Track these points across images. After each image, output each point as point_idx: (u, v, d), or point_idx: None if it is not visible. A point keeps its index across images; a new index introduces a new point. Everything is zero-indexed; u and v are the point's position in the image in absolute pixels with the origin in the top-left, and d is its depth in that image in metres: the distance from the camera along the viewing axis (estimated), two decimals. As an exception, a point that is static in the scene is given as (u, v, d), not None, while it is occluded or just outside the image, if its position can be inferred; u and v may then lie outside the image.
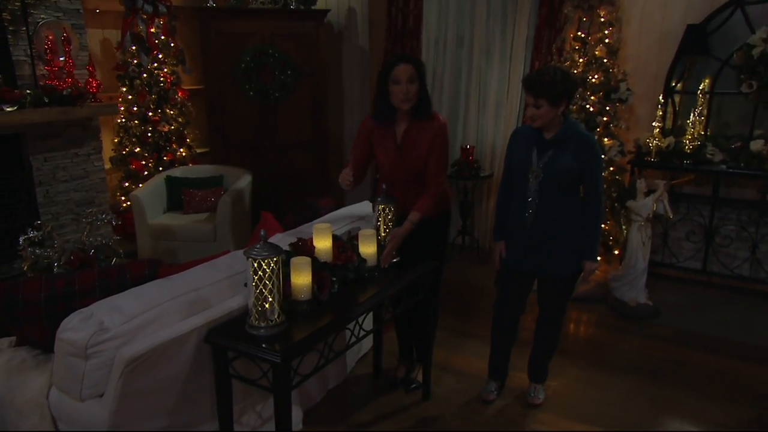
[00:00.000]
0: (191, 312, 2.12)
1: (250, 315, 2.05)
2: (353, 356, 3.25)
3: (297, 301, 2.22)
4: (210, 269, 2.33)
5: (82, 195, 4.75)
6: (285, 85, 5.19)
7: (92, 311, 1.91)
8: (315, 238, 2.45)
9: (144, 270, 2.17)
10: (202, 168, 4.97)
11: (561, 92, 2.43)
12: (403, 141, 2.76)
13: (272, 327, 2.05)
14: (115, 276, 2.12)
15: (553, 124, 2.54)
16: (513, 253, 2.75)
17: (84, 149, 4.72)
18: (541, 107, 2.45)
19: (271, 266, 2.00)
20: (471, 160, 4.82)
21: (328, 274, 2.37)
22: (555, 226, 2.62)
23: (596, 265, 2.67)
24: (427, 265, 2.77)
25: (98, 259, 3.43)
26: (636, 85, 4.31)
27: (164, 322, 2.03)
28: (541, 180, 2.57)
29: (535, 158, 2.59)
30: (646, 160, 4.19)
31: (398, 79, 2.62)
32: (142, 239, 4.41)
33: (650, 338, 3.67)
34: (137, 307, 1.99)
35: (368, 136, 2.84)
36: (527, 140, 2.64)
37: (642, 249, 3.90)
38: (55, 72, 4.34)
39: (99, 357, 1.86)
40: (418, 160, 2.75)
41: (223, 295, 2.26)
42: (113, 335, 1.88)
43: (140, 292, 2.09)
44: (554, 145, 2.55)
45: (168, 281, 2.18)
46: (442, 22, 5.14)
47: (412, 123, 2.73)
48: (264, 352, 1.96)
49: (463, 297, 4.27)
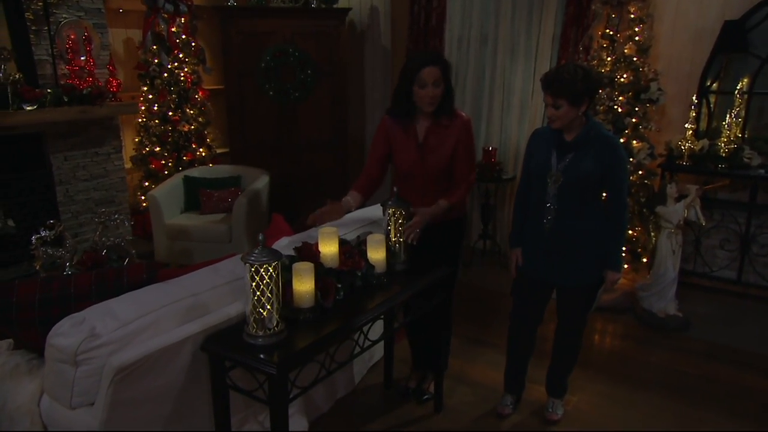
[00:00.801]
0: (188, 318, 2.04)
1: (248, 323, 1.97)
2: (364, 364, 3.15)
3: (299, 308, 2.13)
4: (211, 273, 2.26)
5: (101, 194, 4.77)
6: (305, 85, 5.13)
7: (85, 316, 1.85)
8: (320, 242, 2.36)
9: (142, 273, 2.11)
10: (220, 168, 4.94)
11: (582, 91, 2.29)
12: (425, 140, 2.65)
13: (270, 336, 1.96)
14: (113, 279, 2.07)
15: (574, 125, 2.39)
16: (530, 261, 2.61)
17: (104, 148, 4.74)
18: (560, 107, 2.31)
19: (270, 272, 1.91)
20: (493, 162, 4.67)
21: (333, 280, 2.27)
22: (575, 233, 2.47)
23: (619, 275, 2.51)
24: (440, 271, 2.65)
25: (110, 259, 3.42)
26: (668, 84, 4.10)
27: (160, 329, 1.96)
28: (560, 184, 2.43)
29: (554, 161, 2.45)
30: (677, 164, 3.98)
31: (424, 82, 2.51)
32: (159, 239, 4.40)
33: (679, 352, 3.47)
34: (132, 313, 1.93)
35: (387, 135, 2.73)
36: (547, 142, 2.50)
37: (672, 257, 3.71)
38: (76, 71, 4.36)
39: (89, 364, 1.80)
40: (441, 160, 2.64)
41: (223, 300, 2.18)
42: (105, 341, 1.82)
43: (136, 296, 2.02)
44: (575, 148, 2.41)
45: (166, 285, 2.12)
46: (466, 19, 5.00)
47: (435, 121, 2.63)
48: (260, 362, 1.87)
49: (481, 303, 4.13)
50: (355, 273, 2.40)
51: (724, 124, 3.96)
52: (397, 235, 2.59)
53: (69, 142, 4.47)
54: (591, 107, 2.46)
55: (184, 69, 4.99)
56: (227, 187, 4.67)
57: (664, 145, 4.10)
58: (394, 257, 2.59)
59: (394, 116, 2.68)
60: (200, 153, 5.15)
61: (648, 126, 3.99)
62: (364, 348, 2.32)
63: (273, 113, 5.21)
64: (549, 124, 2.45)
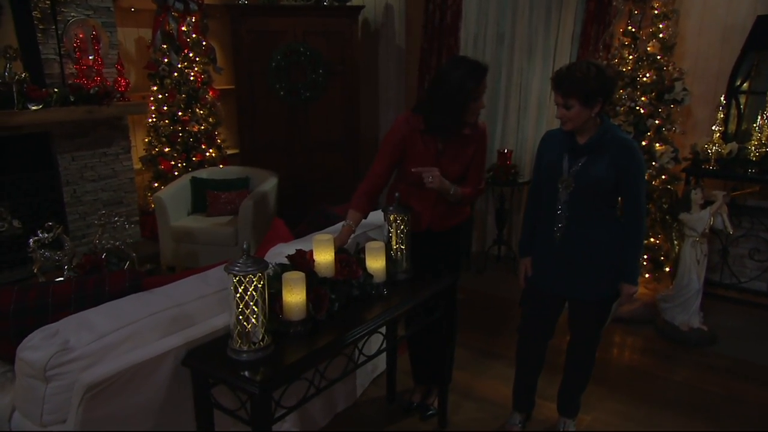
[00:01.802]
0: (171, 330, 1.93)
1: (232, 337, 1.85)
2: (367, 376, 3.02)
3: (289, 321, 2.00)
4: (199, 282, 2.15)
5: (110, 195, 4.72)
6: (316, 85, 5.02)
7: (58, 328, 1.75)
8: (315, 250, 2.23)
9: (124, 282, 2.01)
10: (229, 169, 4.85)
11: (595, 91, 2.12)
12: (444, 150, 2.49)
13: (256, 351, 1.84)
14: (93, 288, 1.97)
15: (587, 127, 2.23)
16: (540, 272, 2.45)
17: (113, 149, 4.69)
18: (571, 108, 2.15)
19: (254, 283, 1.79)
20: (509, 165, 4.51)
21: (326, 291, 2.14)
22: (587, 242, 2.30)
23: (635, 289, 2.33)
24: (444, 280, 2.50)
25: (110, 262, 3.34)
26: (694, 84, 3.88)
27: (139, 341, 1.85)
28: (572, 190, 2.27)
29: (566, 165, 2.29)
30: (703, 168, 3.76)
31: (480, 94, 2.38)
32: (165, 241, 4.32)
33: (703, 369, 3.26)
34: (110, 324, 1.82)
35: (403, 142, 2.50)
36: (559, 144, 2.33)
37: (696, 267, 3.49)
38: (83, 71, 4.31)
39: (61, 380, 1.70)
40: (458, 170, 2.51)
41: (210, 311, 2.07)
42: (78, 356, 1.71)
43: (116, 306, 1.92)
44: (588, 151, 2.24)
45: (150, 295, 2.01)
46: (482, 17, 4.84)
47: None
48: (241, 380, 1.75)
49: (492, 312, 3.96)
50: (351, 283, 2.27)
51: (755, 126, 3.73)
52: (398, 243, 2.45)
53: (76, 143, 4.42)
54: (606, 108, 2.28)
55: (194, 68, 4.91)
56: (235, 188, 4.58)
57: (689, 148, 3.88)
58: (395, 266, 2.46)
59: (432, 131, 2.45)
60: (210, 154, 5.07)
61: (672, 128, 3.78)
62: (358, 363, 2.19)
63: (284, 113, 5.11)
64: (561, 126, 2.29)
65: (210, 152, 5.07)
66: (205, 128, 5.01)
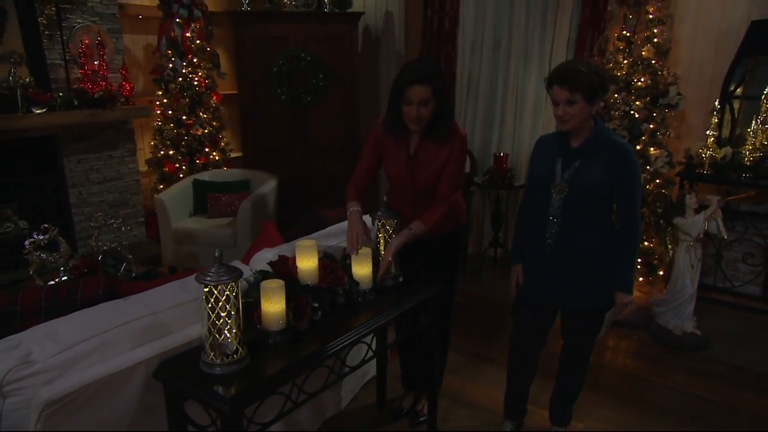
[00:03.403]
0: (144, 340, 1.74)
1: (204, 349, 1.65)
2: (357, 381, 2.81)
3: (268, 331, 1.81)
4: (177, 289, 1.95)
5: (115, 197, 4.55)
6: (317, 89, 4.82)
7: (21, 338, 1.57)
8: (298, 256, 2.04)
9: (98, 289, 1.81)
10: (230, 172, 4.67)
11: (597, 86, 1.92)
12: (415, 154, 2.29)
13: (229, 364, 1.64)
14: (65, 295, 1.78)
15: (582, 128, 2.01)
16: (531, 280, 2.24)
17: (118, 151, 4.52)
18: (575, 103, 1.93)
19: (226, 293, 1.59)
20: (505, 168, 4.29)
21: (308, 299, 1.94)
22: (581, 250, 2.09)
23: (630, 298, 2.11)
24: (432, 287, 2.30)
25: (106, 264, 3.16)
26: (688, 89, 3.65)
27: (108, 353, 1.66)
28: (565, 195, 2.06)
29: (559, 170, 2.08)
30: (697, 173, 3.53)
31: (410, 100, 2.14)
32: (166, 243, 4.14)
33: (697, 374, 3.04)
34: (78, 334, 1.63)
35: (378, 143, 2.38)
36: (552, 149, 2.13)
37: (690, 272, 3.26)
38: (88, 75, 4.14)
39: (19, 395, 1.51)
40: (430, 176, 2.29)
41: (187, 319, 1.87)
42: (39, 369, 1.52)
43: (87, 315, 1.73)
44: (582, 155, 2.03)
45: (124, 302, 1.82)
46: (479, 24, 4.62)
47: (428, 137, 2.27)
48: (211, 395, 1.55)
49: (488, 315, 3.74)
50: (336, 290, 2.07)
51: (749, 131, 3.49)
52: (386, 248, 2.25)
53: (82, 145, 4.26)
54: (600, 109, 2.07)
55: (198, 73, 4.74)
56: (235, 191, 4.39)
57: (683, 152, 3.65)
58: (383, 272, 2.25)
59: (386, 130, 2.32)
60: (213, 157, 4.90)
61: (666, 132, 3.55)
62: (342, 374, 1.98)
63: (285, 118, 4.92)
64: (558, 127, 2.07)
65: (213, 155, 4.90)
66: (209, 132, 4.85)
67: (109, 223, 3.16)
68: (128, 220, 4.55)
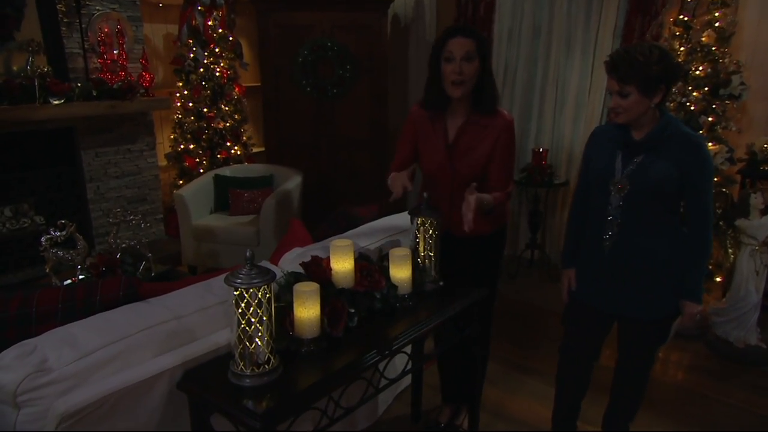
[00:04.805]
0: (168, 347, 1.66)
1: (233, 358, 1.56)
2: (391, 392, 2.71)
3: (301, 339, 1.71)
4: (202, 291, 1.87)
5: (134, 192, 4.52)
6: (344, 81, 4.72)
7: (36, 344, 1.49)
8: (333, 257, 1.93)
9: (118, 290, 1.74)
10: (253, 167, 4.61)
11: (657, 77, 1.76)
12: (456, 141, 2.18)
13: (261, 375, 1.55)
14: (83, 297, 1.71)
15: (645, 120, 1.87)
16: (586, 286, 2.10)
17: (137, 145, 4.49)
18: (628, 96, 1.80)
19: (258, 297, 1.50)
20: (544, 165, 4.15)
21: (344, 304, 1.84)
22: (643, 253, 1.95)
23: (699, 308, 1.96)
24: (478, 293, 2.18)
25: (124, 263, 3.11)
26: (752, 78, 3.45)
27: (129, 360, 1.58)
28: (626, 193, 1.92)
29: (619, 165, 1.94)
30: (761, 170, 3.34)
31: (451, 56, 2.04)
32: (186, 241, 4.10)
33: (761, 391, 2.86)
34: (97, 340, 1.55)
35: (414, 130, 2.28)
36: (611, 141, 1.99)
37: (755, 279, 3.08)
38: (107, 65, 4.10)
39: (35, 406, 1.43)
40: (472, 166, 2.17)
41: (213, 325, 1.78)
42: (56, 378, 1.45)
43: (107, 318, 1.65)
44: (646, 148, 1.89)
45: (146, 306, 1.74)
46: (517, 9, 4.47)
47: (470, 118, 2.15)
48: (241, 410, 1.46)
49: (527, 322, 3.61)
50: (373, 295, 1.97)
51: (819, 124, 3.30)
52: (426, 249, 2.13)
53: (100, 138, 4.23)
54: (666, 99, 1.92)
55: (220, 64, 4.69)
56: (258, 187, 4.32)
57: (745, 147, 3.46)
58: (423, 275, 2.14)
59: (425, 107, 2.22)
60: (235, 151, 4.84)
61: (727, 126, 3.37)
62: (379, 388, 1.88)
63: (310, 110, 4.83)
64: (612, 119, 1.94)
65: (235, 150, 4.85)
66: (231, 125, 4.80)
67: (128, 219, 3.11)
68: (147, 217, 4.50)
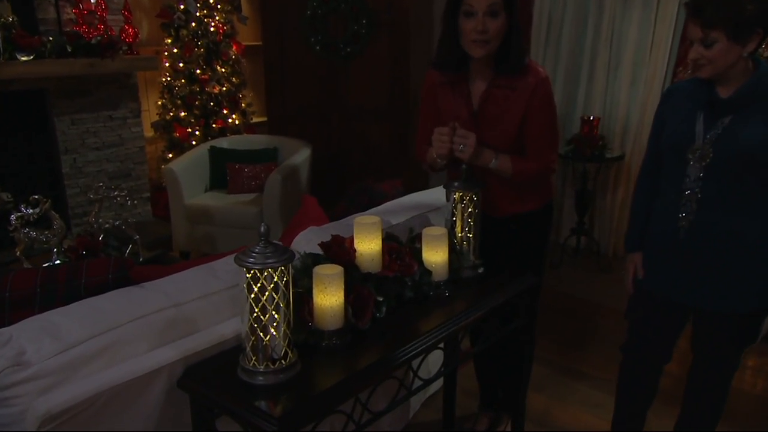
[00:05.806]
0: (165, 339, 1.62)
1: (244, 352, 1.51)
2: (417, 397, 2.67)
3: (322, 331, 1.66)
4: (204, 274, 1.82)
5: (116, 166, 4.50)
6: (358, 38, 4.65)
7: (12, 333, 1.45)
8: (357, 237, 1.88)
9: (106, 273, 1.69)
10: (254, 138, 4.59)
11: (752, 19, 1.67)
12: (481, 107, 2.09)
13: (276, 372, 1.50)
14: (65, 280, 1.66)
15: (734, 73, 1.78)
16: (656, 273, 2.03)
17: (119, 111, 4.46)
18: (713, 44, 1.70)
19: (274, 280, 1.44)
20: (595, 135, 4.07)
21: (371, 291, 1.79)
22: (727, 236, 1.87)
23: (796, 301, 1.89)
24: (525, 280, 2.11)
25: (108, 245, 3.08)
26: None
27: (121, 354, 1.54)
28: (708, 163, 1.84)
29: (700, 129, 1.86)
30: None
31: (472, 9, 1.92)
32: (178, 222, 4.09)
33: None
34: (82, 330, 1.51)
35: (435, 98, 2.20)
36: (690, 101, 1.90)
37: None
38: (84, 16, 4.06)
39: (12, 405, 1.39)
40: (502, 136, 2.08)
41: (217, 314, 1.74)
42: (35, 373, 1.40)
43: (93, 306, 1.61)
44: (735, 108, 1.81)
45: (138, 291, 1.69)
46: (564, -47, 4.36)
47: (496, 80, 2.06)
48: (255, 413, 1.41)
49: (572, 318, 3.56)
50: (403, 281, 1.91)
51: None
52: (464, 229, 2.07)
53: (77, 103, 4.20)
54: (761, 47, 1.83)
55: (215, 17, 4.66)
56: (261, 161, 4.29)
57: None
58: (461, 259, 2.08)
59: (440, 68, 2.13)
60: (233, 120, 4.82)
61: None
62: (412, 390, 1.82)
63: (319, 73, 4.78)
64: (693, 73, 1.85)
65: (233, 118, 4.83)
66: (228, 90, 4.78)
67: (112, 196, 3.07)
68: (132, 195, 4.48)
